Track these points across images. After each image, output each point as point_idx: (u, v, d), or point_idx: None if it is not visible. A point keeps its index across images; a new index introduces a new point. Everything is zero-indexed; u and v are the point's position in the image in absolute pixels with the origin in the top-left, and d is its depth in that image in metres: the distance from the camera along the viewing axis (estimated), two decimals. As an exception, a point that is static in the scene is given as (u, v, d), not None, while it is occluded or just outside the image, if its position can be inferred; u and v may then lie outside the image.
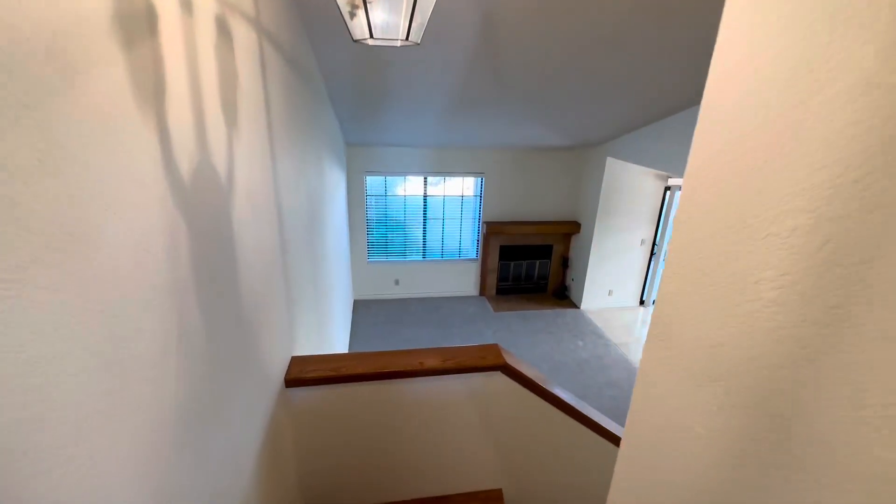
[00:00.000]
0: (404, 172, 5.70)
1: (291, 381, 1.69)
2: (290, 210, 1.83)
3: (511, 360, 1.89)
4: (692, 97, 3.58)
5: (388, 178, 5.76)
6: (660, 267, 6.09)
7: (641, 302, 6.38)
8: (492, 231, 5.97)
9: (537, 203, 6.16)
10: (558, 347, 5.22)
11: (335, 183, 3.99)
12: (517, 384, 1.87)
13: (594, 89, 3.36)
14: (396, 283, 6.25)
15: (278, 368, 1.61)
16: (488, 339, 5.31)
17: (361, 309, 5.96)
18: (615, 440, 1.91)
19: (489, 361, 1.85)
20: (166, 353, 0.78)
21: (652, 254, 6.12)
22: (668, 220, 5.87)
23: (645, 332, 5.91)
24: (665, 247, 6.00)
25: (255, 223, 1.32)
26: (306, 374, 1.72)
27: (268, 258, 1.46)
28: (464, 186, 6.00)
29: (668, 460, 0.75)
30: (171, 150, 0.80)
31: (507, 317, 5.91)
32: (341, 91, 3.26)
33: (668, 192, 5.78)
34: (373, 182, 5.76)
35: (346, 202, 5.38)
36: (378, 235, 6.03)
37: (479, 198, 6.07)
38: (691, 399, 0.69)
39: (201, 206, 0.92)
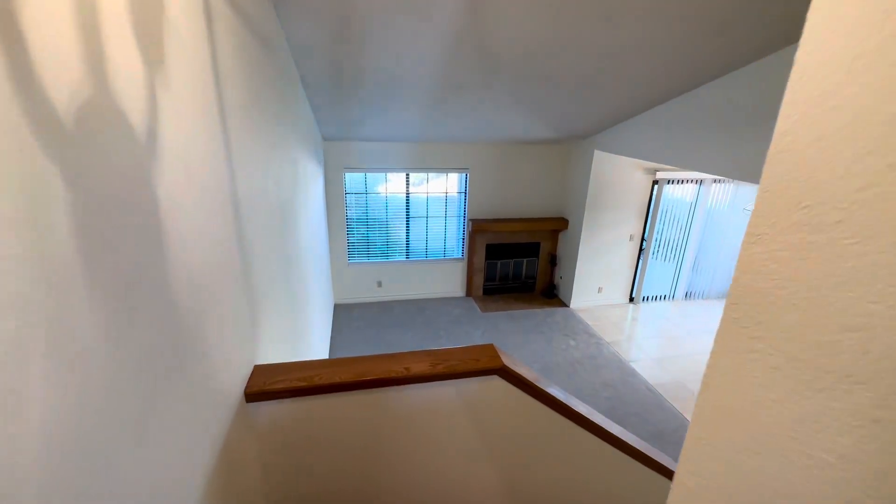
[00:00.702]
0: (385, 168, 5.44)
1: (253, 395, 1.43)
2: (251, 199, 1.57)
3: (510, 362, 1.66)
4: (684, 83, 3.44)
5: (369, 174, 5.50)
6: (649, 263, 5.98)
7: (631, 299, 6.26)
8: (477, 229, 5.76)
9: (524, 199, 5.98)
10: (549, 347, 5.02)
11: (311, 178, 3.71)
12: (518, 390, 1.64)
13: (584, 73, 3.18)
14: (379, 285, 5.98)
15: (235, 379, 1.34)
16: (477, 341, 5.08)
17: (343, 313, 5.66)
18: (641, 456, 1.69)
19: (485, 364, 1.61)
20: (26, 362, 0.52)
21: (641, 249, 6.00)
22: (656, 215, 5.76)
23: (637, 329, 5.86)
24: (654, 242, 5.89)
25: (198, 206, 1.06)
26: (272, 385, 1.46)
27: (219, 252, 1.20)
28: (448, 182, 5.78)
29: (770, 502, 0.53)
30: (32, 68, 0.54)
31: (495, 317, 5.69)
32: (315, 73, 3.00)
33: (656, 186, 5.67)
34: (352, 179, 5.48)
35: (324, 200, 5.10)
36: (359, 235, 5.75)
37: (463, 194, 5.86)
38: (810, 410, 0.47)
39: (96, 163, 0.66)
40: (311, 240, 3.60)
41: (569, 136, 5.28)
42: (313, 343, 3.40)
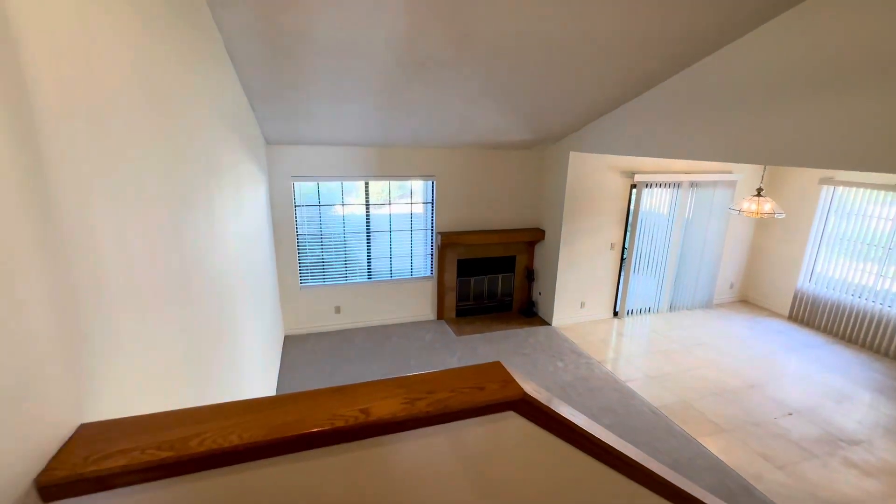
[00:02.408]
0: (341, 177, 4.81)
1: (59, 486, 0.72)
2: (99, 183, 0.91)
3: (532, 389, 1.04)
4: (663, 69, 3.09)
5: (322, 183, 4.84)
6: (632, 273, 5.58)
7: (615, 313, 5.80)
8: (447, 242, 5.18)
9: (496, 209, 5.49)
10: (536, 371, 4.42)
11: (246, 186, 3.03)
12: (553, 436, 1.01)
13: (563, 58, 2.75)
14: (337, 311, 5.21)
15: (16, 456, 0.64)
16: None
17: (294, 346, 4.84)
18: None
19: (493, 394, 0.99)
20: None
21: (622, 259, 5.61)
22: (636, 221, 5.41)
23: (627, 346, 5.30)
24: (635, 250, 5.52)
25: None
26: (103, 460, 0.76)
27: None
28: (412, 192, 5.21)
29: None
30: None
31: (471, 341, 5.05)
32: (246, 45, 2.38)
33: (635, 190, 5.35)
34: (303, 190, 4.80)
35: (268, 215, 4.37)
36: (312, 255, 5.02)
37: (430, 205, 5.29)
38: None
39: None
40: (247, 256, 2.88)
41: (543, 137, 4.88)
42: (248, 385, 2.63)
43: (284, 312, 5.02)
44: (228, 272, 2.26)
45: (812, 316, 5.64)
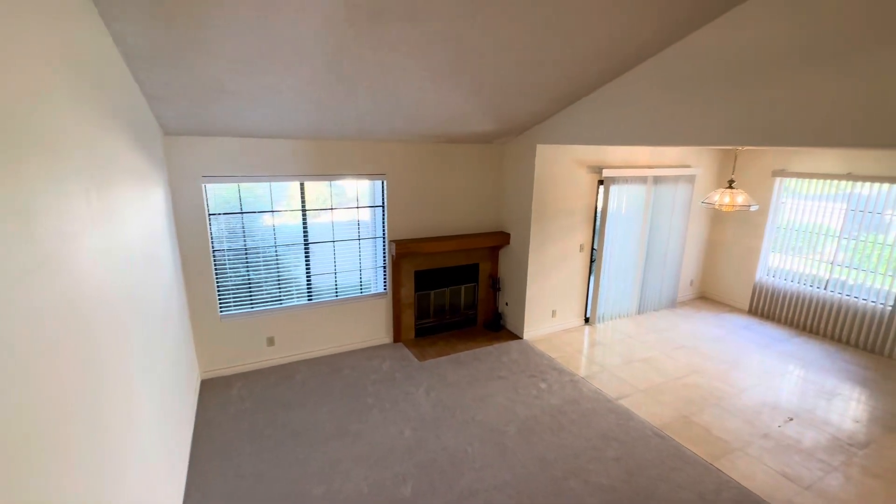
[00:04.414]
0: (267, 176, 3.87)
1: None
2: None
3: None
4: (637, 52, 2.65)
5: (244, 184, 3.87)
6: (602, 275, 5.19)
7: (586, 320, 5.38)
8: (402, 252, 4.42)
9: (456, 212, 4.84)
10: (518, 396, 3.78)
11: (126, 188, 2.08)
12: None
13: (552, 15, 2.19)
14: (270, 342, 4.23)
15: None
16: (421, 403, 3.63)
17: (215, 393, 3.78)
18: None
19: None
20: None
21: (592, 261, 5.20)
22: (605, 220, 5.03)
23: (606, 357, 4.54)
24: (605, 251, 5.13)
25: None
26: None
27: None
28: (359, 193, 4.39)
29: None
30: None
31: (437, 366, 4.31)
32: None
33: (602, 187, 4.97)
34: (218, 193, 3.80)
35: (170, 227, 3.34)
36: (235, 275, 4.00)
37: (381, 208, 4.51)
38: None
39: None
40: (130, 286, 1.93)
41: (506, 129, 4.31)
42: (132, 480, 1.68)
43: (200, 351, 3.94)
44: (92, 312, 1.35)
45: (772, 309, 5.62)
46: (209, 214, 3.74)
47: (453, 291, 5.06)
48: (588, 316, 5.37)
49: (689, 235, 5.99)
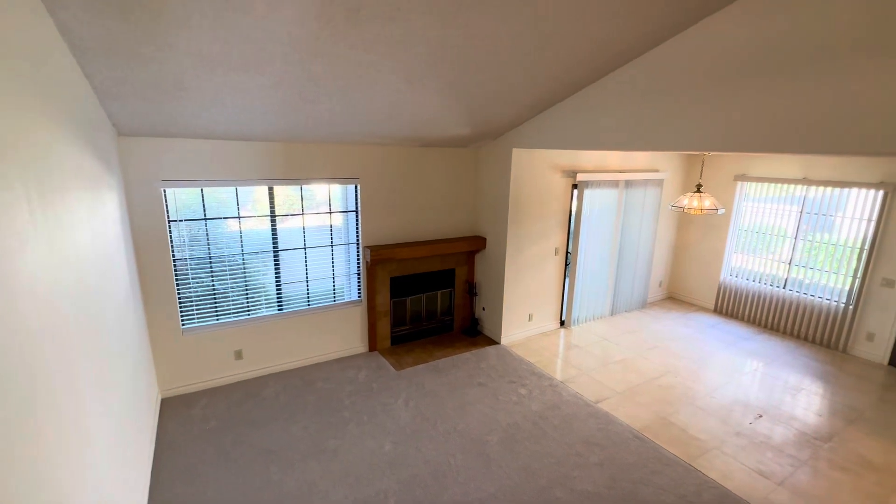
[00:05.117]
0: (232, 180, 3.66)
1: None
2: None
3: None
4: (621, 54, 2.68)
5: (208, 188, 3.64)
6: (577, 278, 5.23)
7: (562, 323, 5.41)
8: (377, 258, 4.29)
9: (431, 217, 4.75)
10: (499, 404, 3.73)
11: (71, 193, 1.87)
12: None
13: (537, 19, 2.15)
14: (238, 356, 3.99)
15: None
16: (400, 414, 3.51)
17: (177, 412, 3.52)
18: None
19: None
20: None
21: (566, 264, 5.24)
22: (579, 224, 5.08)
23: (583, 359, 4.52)
24: (579, 254, 5.18)
25: None
26: None
27: None
28: (331, 197, 4.23)
29: None
30: None
31: (415, 374, 4.20)
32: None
33: (576, 191, 5.01)
34: (179, 198, 3.55)
35: (125, 235, 3.08)
36: (198, 285, 3.75)
37: (354, 213, 4.36)
38: None
39: None
40: (77, 300, 1.74)
41: (482, 132, 4.27)
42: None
43: (160, 368, 3.67)
44: (31, 337, 1.17)
45: (735, 307, 5.84)
46: (169, 220, 3.49)
47: (429, 297, 4.96)
48: (563, 319, 5.40)
49: (658, 238, 6.16)
